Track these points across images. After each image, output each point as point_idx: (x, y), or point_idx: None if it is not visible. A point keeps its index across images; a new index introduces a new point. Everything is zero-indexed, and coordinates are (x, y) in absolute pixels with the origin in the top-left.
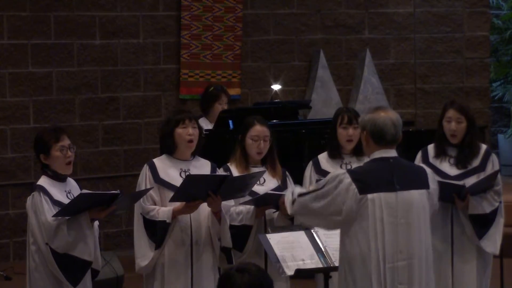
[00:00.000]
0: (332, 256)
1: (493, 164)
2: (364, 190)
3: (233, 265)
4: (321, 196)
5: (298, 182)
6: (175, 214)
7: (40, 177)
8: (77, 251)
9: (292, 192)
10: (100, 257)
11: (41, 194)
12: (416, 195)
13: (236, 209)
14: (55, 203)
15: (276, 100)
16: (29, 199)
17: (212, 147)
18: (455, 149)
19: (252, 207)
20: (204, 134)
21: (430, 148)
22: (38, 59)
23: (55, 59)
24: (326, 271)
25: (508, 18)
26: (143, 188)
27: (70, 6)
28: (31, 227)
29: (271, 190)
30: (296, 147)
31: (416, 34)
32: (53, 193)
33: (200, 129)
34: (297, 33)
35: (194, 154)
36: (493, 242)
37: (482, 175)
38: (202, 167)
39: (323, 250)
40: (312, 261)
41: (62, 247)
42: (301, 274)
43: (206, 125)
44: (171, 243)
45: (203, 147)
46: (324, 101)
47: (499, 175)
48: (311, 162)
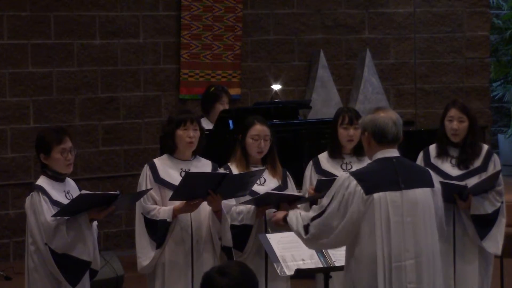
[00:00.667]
0: (332, 256)
1: (495, 164)
2: (369, 190)
3: (215, 266)
4: (336, 210)
5: (298, 182)
6: (176, 213)
7: (39, 177)
8: (76, 251)
9: (296, 218)
10: (99, 257)
11: (40, 194)
12: (421, 194)
13: (237, 208)
14: (54, 203)
15: (276, 100)
16: (28, 199)
17: (212, 147)
18: (456, 149)
19: (253, 206)
20: (205, 135)
21: (432, 148)
22: (38, 59)
23: (55, 59)
24: (326, 271)
25: (508, 18)
26: (143, 188)
27: (70, 6)
28: (30, 227)
29: (272, 190)
30: (296, 147)
31: (416, 34)
32: (52, 193)
33: (202, 130)
34: (297, 33)
35: (195, 154)
36: (495, 243)
37: (484, 175)
38: (203, 167)
39: (323, 250)
40: (312, 261)
41: (61, 247)
42: (301, 274)
43: (207, 125)
44: (172, 242)
45: (203, 147)
46: (324, 101)
47: (500, 175)
48: (311, 162)
